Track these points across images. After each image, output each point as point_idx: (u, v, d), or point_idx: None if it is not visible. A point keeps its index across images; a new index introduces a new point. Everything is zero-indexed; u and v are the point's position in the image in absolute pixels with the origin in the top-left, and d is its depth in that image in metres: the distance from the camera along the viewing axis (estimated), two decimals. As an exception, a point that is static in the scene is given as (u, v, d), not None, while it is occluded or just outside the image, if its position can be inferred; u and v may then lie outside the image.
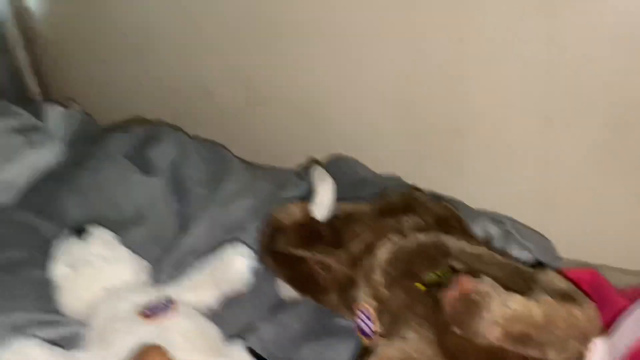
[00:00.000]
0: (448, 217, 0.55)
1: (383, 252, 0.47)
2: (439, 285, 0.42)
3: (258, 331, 0.53)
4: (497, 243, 0.64)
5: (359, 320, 0.47)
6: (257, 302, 0.56)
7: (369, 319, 0.45)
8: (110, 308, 0.48)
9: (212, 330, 0.47)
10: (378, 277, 0.46)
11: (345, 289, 0.52)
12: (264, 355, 0.50)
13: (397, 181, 0.77)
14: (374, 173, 0.80)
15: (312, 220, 0.55)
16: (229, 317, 0.53)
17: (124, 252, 0.53)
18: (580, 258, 0.72)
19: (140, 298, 0.48)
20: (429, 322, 0.40)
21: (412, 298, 0.42)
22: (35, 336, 0.43)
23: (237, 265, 0.49)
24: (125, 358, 0.43)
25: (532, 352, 0.37)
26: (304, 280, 0.54)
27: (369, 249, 0.50)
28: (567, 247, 0.73)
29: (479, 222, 0.67)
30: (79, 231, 0.51)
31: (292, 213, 0.56)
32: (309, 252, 0.53)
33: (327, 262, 0.52)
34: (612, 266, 0.70)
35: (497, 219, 0.69)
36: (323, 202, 0.55)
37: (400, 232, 0.51)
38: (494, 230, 0.66)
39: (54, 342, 0.43)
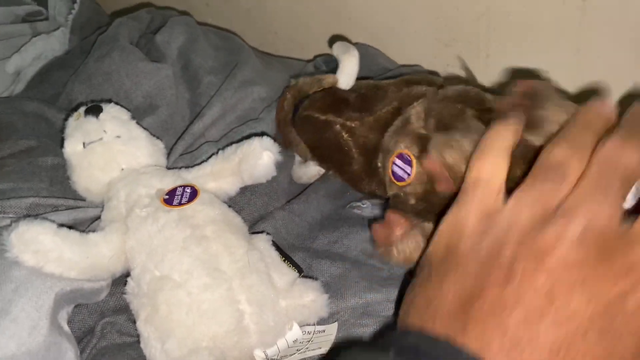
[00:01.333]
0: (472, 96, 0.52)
1: (416, 108, 0.45)
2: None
3: (273, 219, 0.53)
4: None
5: (394, 166, 0.44)
6: (273, 191, 0.56)
7: (409, 164, 0.43)
8: (129, 191, 0.47)
9: (236, 219, 0.47)
10: (419, 124, 0.44)
11: (371, 156, 0.50)
12: (281, 243, 0.51)
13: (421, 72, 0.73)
14: (396, 63, 0.77)
15: (338, 89, 0.54)
16: (244, 205, 0.54)
17: (139, 131, 0.51)
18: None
19: (160, 182, 0.47)
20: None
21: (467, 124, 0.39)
22: (48, 219, 0.43)
23: (264, 159, 0.48)
24: (145, 243, 0.43)
25: None
26: (329, 148, 0.52)
27: (398, 115, 0.48)
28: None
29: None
30: (93, 109, 0.49)
31: (315, 81, 0.54)
32: (336, 117, 0.51)
33: (353, 125, 0.50)
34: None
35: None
36: (348, 70, 0.53)
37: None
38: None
39: (69, 226, 0.43)
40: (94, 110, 0.49)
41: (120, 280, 0.46)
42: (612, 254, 0.26)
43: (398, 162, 0.44)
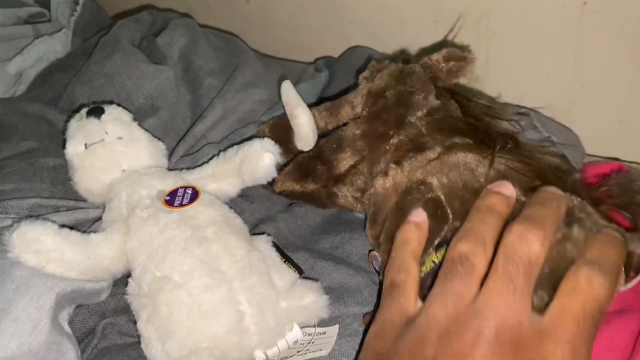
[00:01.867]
0: (447, 106, 0.49)
1: (385, 203, 0.43)
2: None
3: (275, 220, 0.53)
4: (522, 137, 0.62)
5: (374, 262, 0.46)
6: (274, 194, 0.56)
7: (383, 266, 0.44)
8: (131, 192, 0.47)
9: (237, 220, 0.47)
10: (379, 231, 0.43)
11: (361, 200, 0.50)
12: (283, 244, 0.51)
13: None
14: (395, 66, 0.77)
15: (301, 155, 0.51)
16: (246, 207, 0.54)
17: (141, 132, 0.51)
18: (610, 156, 0.70)
19: (162, 183, 0.47)
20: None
21: None
22: (50, 220, 0.43)
23: (265, 161, 0.48)
24: (146, 243, 0.43)
25: None
26: (321, 204, 0.53)
27: (370, 177, 0.48)
28: (596, 144, 0.71)
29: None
30: (95, 110, 0.49)
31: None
32: (313, 185, 0.51)
33: (332, 191, 0.51)
34: (641, 163, 0.68)
35: (522, 111, 0.66)
36: (303, 135, 0.50)
37: (396, 162, 0.44)
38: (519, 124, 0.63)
39: (70, 227, 0.43)
40: (96, 111, 0.49)
41: (121, 281, 0.46)
42: (526, 350, 0.28)
43: (374, 261, 0.45)
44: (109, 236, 0.44)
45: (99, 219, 0.49)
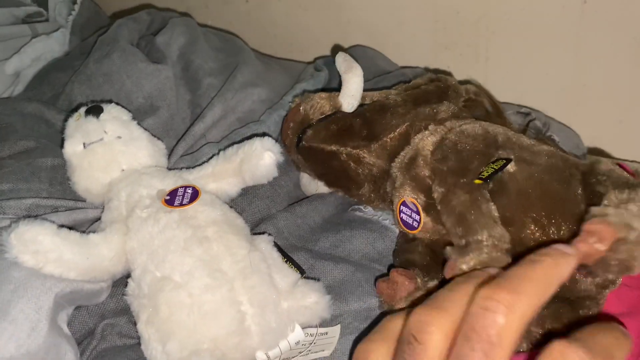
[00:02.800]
0: (481, 101, 0.52)
1: (425, 144, 0.44)
2: (493, 176, 0.40)
3: (275, 220, 0.53)
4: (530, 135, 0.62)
5: (402, 215, 0.45)
6: (275, 194, 0.56)
7: (416, 213, 0.44)
8: (130, 192, 0.46)
9: (237, 220, 0.46)
10: (425, 172, 0.43)
11: (380, 182, 0.50)
12: (282, 244, 0.50)
13: (422, 74, 0.73)
14: (396, 65, 0.76)
15: (341, 112, 0.51)
16: (246, 207, 0.53)
17: (140, 131, 0.50)
18: (610, 155, 0.70)
19: (161, 183, 0.47)
20: (495, 219, 0.38)
21: (475, 196, 0.39)
22: (48, 220, 0.42)
23: (266, 159, 0.47)
24: (146, 244, 0.43)
25: None
26: (336, 175, 0.52)
27: (406, 140, 0.48)
28: (596, 144, 0.71)
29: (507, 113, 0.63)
30: (93, 109, 0.49)
31: (318, 105, 0.51)
32: (341, 146, 0.50)
33: (360, 155, 0.50)
34: (643, 163, 0.68)
35: (522, 111, 0.66)
36: (352, 91, 0.50)
37: (438, 121, 0.47)
38: (520, 123, 0.63)
39: (68, 227, 0.43)
40: (95, 110, 0.49)
41: (121, 282, 0.46)
42: None
43: (405, 209, 0.45)
44: (108, 236, 0.44)
45: (98, 219, 0.48)
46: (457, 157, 0.41)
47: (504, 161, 0.41)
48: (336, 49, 0.85)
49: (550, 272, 0.27)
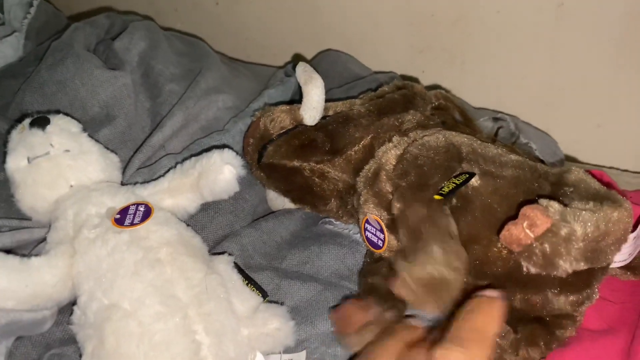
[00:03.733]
0: (449, 108, 0.50)
1: (388, 158, 0.42)
2: (454, 191, 0.38)
3: (239, 237, 0.49)
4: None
5: (367, 233, 0.43)
6: (239, 209, 0.53)
7: (380, 231, 0.42)
8: (78, 210, 0.43)
9: (194, 239, 0.43)
10: (387, 187, 0.41)
11: (347, 197, 0.48)
12: (246, 265, 0.47)
13: (394, 79, 0.71)
14: (369, 70, 0.74)
15: (303, 126, 0.48)
16: (207, 224, 0.50)
17: (91, 144, 0.47)
18: (588, 160, 0.69)
19: (112, 200, 0.44)
20: (452, 235, 0.36)
21: (432, 211, 0.38)
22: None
23: (225, 174, 0.44)
24: (93, 267, 0.39)
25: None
26: (301, 191, 0.50)
27: (370, 153, 0.46)
28: (574, 149, 0.69)
29: (480, 120, 0.61)
30: (38, 120, 0.45)
31: (278, 119, 0.49)
32: (303, 162, 0.47)
33: (324, 170, 0.47)
34: (621, 169, 0.67)
35: (499, 117, 0.63)
36: (313, 104, 0.48)
37: (402, 132, 0.46)
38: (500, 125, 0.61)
39: (8, 250, 0.39)
40: (40, 122, 0.45)
41: (68, 309, 0.42)
42: None
43: (369, 227, 0.43)
44: (52, 260, 0.40)
45: (44, 239, 0.44)
46: (417, 172, 0.39)
47: (467, 175, 0.39)
48: (297, 58, 0.83)
49: (489, 319, 0.28)
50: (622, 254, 0.39)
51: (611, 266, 0.39)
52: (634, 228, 0.38)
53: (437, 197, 0.38)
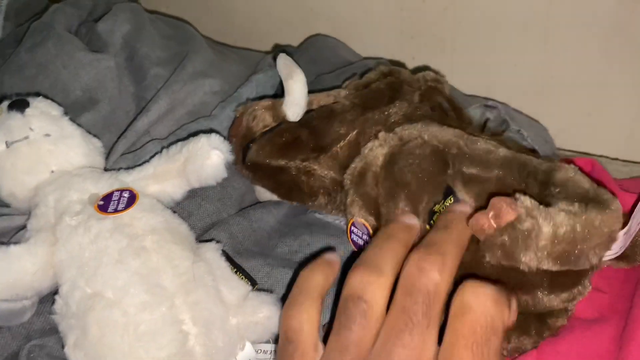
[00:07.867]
0: (441, 88, 0.49)
1: (375, 157, 0.41)
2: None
3: (227, 224, 0.48)
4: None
5: (353, 236, 0.43)
6: (227, 196, 0.51)
7: (367, 234, 0.41)
8: (59, 197, 0.42)
9: (181, 226, 0.42)
10: (374, 191, 0.40)
11: (335, 193, 0.47)
12: (238, 249, 0.46)
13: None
14: (359, 56, 0.73)
15: (286, 123, 0.47)
16: (194, 211, 0.49)
17: (72, 128, 0.45)
18: (579, 149, 0.69)
19: (95, 186, 0.42)
20: None
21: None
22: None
23: (213, 159, 0.43)
24: (75, 256, 0.38)
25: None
26: (288, 189, 0.49)
27: (356, 149, 0.44)
28: (564, 137, 0.69)
29: (470, 108, 0.60)
30: (17, 103, 0.44)
31: (260, 117, 0.48)
32: (289, 161, 0.46)
33: (310, 168, 0.47)
34: (611, 157, 0.67)
35: (490, 105, 0.63)
36: (295, 99, 0.46)
37: (388, 127, 0.44)
38: (487, 116, 0.60)
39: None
40: (19, 104, 0.44)
41: (50, 298, 0.41)
42: None
43: (355, 230, 0.42)
44: (32, 248, 0.39)
45: (24, 226, 0.43)
46: (406, 195, 0.39)
47: (451, 198, 0.38)
48: (277, 47, 0.81)
49: (461, 234, 0.32)
50: (613, 249, 0.38)
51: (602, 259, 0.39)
52: (629, 215, 0.37)
53: (428, 228, 0.38)
